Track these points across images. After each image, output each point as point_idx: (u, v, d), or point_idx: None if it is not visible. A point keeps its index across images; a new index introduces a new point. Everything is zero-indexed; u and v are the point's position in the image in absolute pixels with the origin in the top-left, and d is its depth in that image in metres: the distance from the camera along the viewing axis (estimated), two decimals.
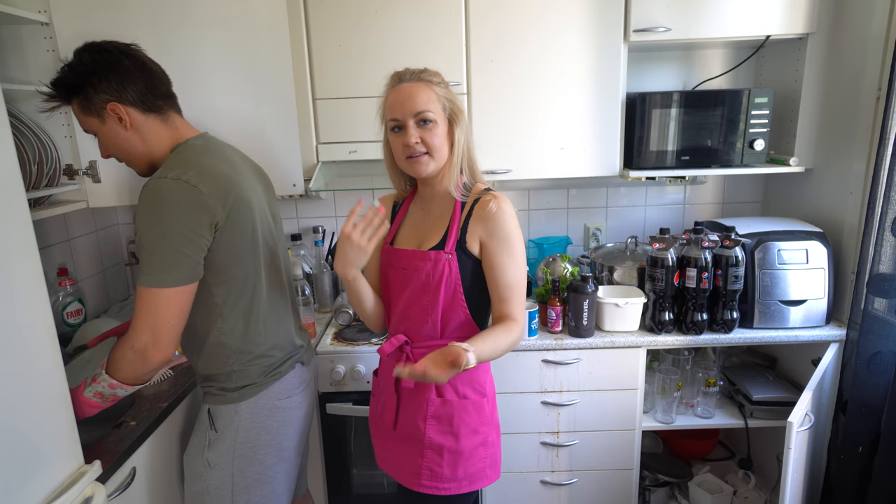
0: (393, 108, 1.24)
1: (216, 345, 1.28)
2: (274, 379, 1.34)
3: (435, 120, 1.23)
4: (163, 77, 1.27)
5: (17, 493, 0.93)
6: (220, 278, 1.23)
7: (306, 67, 1.87)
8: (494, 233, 1.25)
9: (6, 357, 0.92)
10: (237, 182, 1.25)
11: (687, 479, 2.03)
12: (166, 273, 1.13)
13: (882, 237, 1.62)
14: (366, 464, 1.99)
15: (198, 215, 1.15)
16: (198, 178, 1.16)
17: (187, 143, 1.26)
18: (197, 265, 1.17)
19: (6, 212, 0.94)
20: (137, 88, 1.20)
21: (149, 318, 1.14)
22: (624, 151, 1.97)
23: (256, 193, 1.32)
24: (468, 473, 1.31)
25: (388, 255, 1.36)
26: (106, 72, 1.18)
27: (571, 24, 1.85)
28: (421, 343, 1.32)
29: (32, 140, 1.48)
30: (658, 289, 1.82)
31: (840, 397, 1.82)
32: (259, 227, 1.29)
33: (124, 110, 1.20)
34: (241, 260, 1.25)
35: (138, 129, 1.22)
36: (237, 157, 1.36)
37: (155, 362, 1.17)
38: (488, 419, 1.35)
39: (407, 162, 1.26)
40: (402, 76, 1.26)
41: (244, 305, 1.28)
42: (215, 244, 1.19)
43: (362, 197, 1.29)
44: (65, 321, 1.81)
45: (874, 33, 1.68)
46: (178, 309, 1.16)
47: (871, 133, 1.70)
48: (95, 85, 1.18)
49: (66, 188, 1.62)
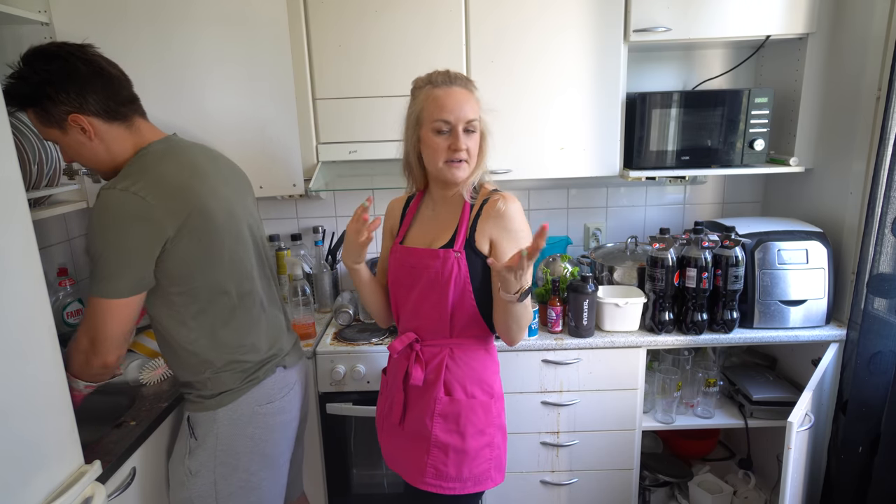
0: (446, 109, 1.23)
1: (187, 354, 1.27)
2: (251, 385, 1.30)
3: (478, 130, 1.27)
4: (123, 80, 1.21)
5: (18, 493, 0.93)
6: (179, 288, 1.21)
7: (306, 67, 1.87)
8: (504, 231, 1.27)
9: (6, 357, 0.92)
10: (196, 190, 1.21)
11: (687, 479, 2.03)
12: (109, 283, 1.13)
13: (882, 237, 1.62)
14: (366, 464, 1.99)
15: (143, 228, 1.12)
16: (147, 190, 1.12)
17: (147, 149, 1.21)
18: (141, 278, 1.16)
19: (6, 212, 0.94)
20: (98, 97, 1.14)
21: (89, 325, 1.15)
22: (624, 151, 1.97)
23: (222, 199, 1.27)
24: (473, 474, 1.31)
25: (398, 253, 1.36)
26: (63, 82, 1.11)
27: (571, 23, 1.85)
28: (430, 341, 1.33)
29: (32, 140, 1.48)
30: (658, 289, 1.82)
31: (840, 397, 1.82)
32: (223, 235, 1.25)
33: (87, 121, 1.15)
34: (198, 270, 1.22)
35: (102, 138, 1.18)
36: (204, 159, 1.30)
37: (97, 366, 1.18)
38: (495, 421, 1.35)
39: (446, 165, 1.26)
40: (453, 79, 1.27)
41: (209, 314, 1.25)
42: (168, 255, 1.17)
43: (370, 195, 1.30)
44: (65, 321, 1.81)
45: (874, 33, 1.68)
46: (118, 319, 1.15)
47: (871, 133, 1.70)
48: (53, 97, 1.11)
49: (66, 188, 1.61)
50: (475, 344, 1.34)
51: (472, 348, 1.34)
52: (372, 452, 1.98)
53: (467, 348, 1.33)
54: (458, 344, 1.33)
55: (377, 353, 1.84)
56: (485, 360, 1.36)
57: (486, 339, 1.37)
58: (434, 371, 1.31)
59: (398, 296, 1.37)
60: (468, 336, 1.33)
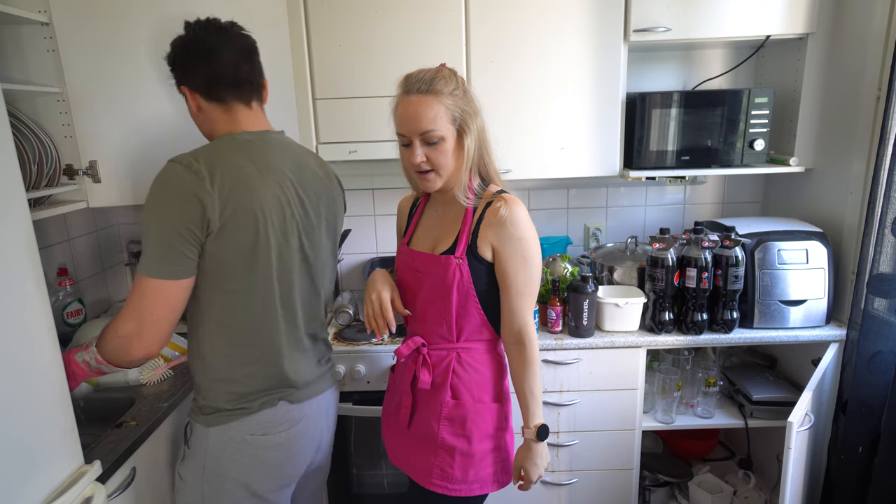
0: (401, 122, 1.22)
1: (198, 353, 1.23)
2: (243, 413, 1.21)
3: (443, 136, 1.19)
4: (235, 67, 1.22)
5: (18, 493, 0.93)
6: (207, 285, 1.16)
7: (306, 67, 1.87)
8: (506, 238, 1.23)
9: (6, 357, 0.92)
10: (254, 190, 1.15)
11: (687, 479, 2.02)
12: (154, 263, 1.09)
13: (882, 237, 1.62)
14: (366, 464, 1.99)
15: (192, 209, 1.08)
16: (207, 171, 1.09)
17: (234, 136, 1.21)
18: (185, 261, 1.10)
19: (6, 212, 0.94)
20: (201, 77, 1.22)
21: (136, 306, 1.10)
22: (624, 151, 1.97)
23: (271, 209, 1.17)
24: (479, 477, 1.31)
25: (404, 255, 1.36)
26: (182, 56, 1.24)
27: (571, 24, 1.85)
28: (437, 345, 1.32)
29: (32, 140, 1.48)
30: (658, 289, 1.82)
31: (840, 397, 1.82)
32: (264, 246, 1.17)
33: (190, 94, 1.24)
34: (229, 276, 1.15)
35: (204, 112, 1.25)
36: (289, 164, 1.24)
37: (137, 352, 1.12)
38: (503, 424, 1.34)
39: (415, 175, 1.26)
40: (410, 86, 1.19)
41: (226, 323, 1.19)
42: (206, 248, 1.12)
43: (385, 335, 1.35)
44: (65, 321, 1.81)
45: (874, 33, 1.68)
46: (164, 302, 1.10)
47: (871, 133, 1.70)
48: (175, 67, 1.26)
49: (66, 188, 1.62)
50: (483, 348, 1.33)
51: (479, 353, 1.33)
52: (372, 452, 1.98)
53: (475, 353, 1.32)
54: (466, 348, 1.31)
55: (377, 353, 1.84)
56: (492, 365, 1.34)
57: (494, 343, 1.35)
58: (441, 375, 1.30)
59: (405, 297, 1.36)
60: (475, 340, 1.32)
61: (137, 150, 1.67)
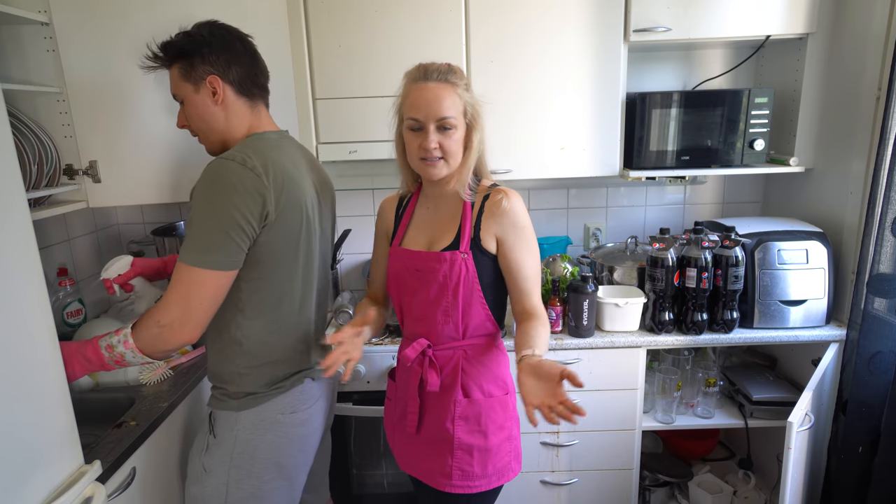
0: (415, 106, 1.21)
1: (231, 341, 1.26)
2: (277, 392, 1.29)
3: (456, 126, 1.21)
4: (265, 71, 1.33)
5: (17, 494, 0.93)
6: (254, 275, 1.21)
7: (306, 67, 1.87)
8: (510, 228, 1.25)
9: (6, 357, 0.92)
10: (299, 185, 1.25)
11: (687, 479, 2.03)
12: (209, 254, 1.12)
13: (882, 237, 1.63)
14: (366, 464, 1.99)
15: (253, 204, 1.14)
16: (262, 168, 1.16)
17: (263, 135, 1.28)
18: (239, 252, 1.16)
19: (6, 212, 0.94)
20: (240, 71, 1.25)
21: (182, 295, 1.13)
22: (624, 151, 1.97)
23: (310, 202, 1.29)
24: (497, 469, 1.31)
25: (398, 256, 1.34)
26: (219, 48, 1.23)
27: (571, 24, 1.85)
28: (442, 345, 1.32)
29: (32, 140, 1.49)
30: (658, 289, 1.82)
31: (840, 397, 1.82)
32: (305, 235, 1.27)
33: (222, 85, 1.24)
34: (279, 263, 1.23)
35: (227, 106, 1.26)
36: (305, 161, 1.34)
37: (176, 341, 1.15)
38: (512, 414, 1.36)
39: (420, 163, 1.25)
40: (429, 73, 1.22)
41: (268, 309, 1.25)
42: (260, 239, 1.18)
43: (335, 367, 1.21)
44: (65, 321, 1.81)
45: (874, 33, 1.68)
46: (212, 292, 1.15)
47: (871, 133, 1.71)
48: (205, 56, 1.23)
49: (66, 188, 1.62)
50: (487, 342, 1.34)
51: (484, 347, 1.33)
52: (372, 452, 1.99)
53: (480, 348, 1.33)
54: (471, 345, 1.32)
55: (377, 353, 1.84)
56: (497, 357, 1.35)
57: (496, 336, 1.36)
58: (450, 375, 1.30)
59: (402, 299, 1.35)
60: (480, 335, 1.32)
61: (137, 150, 1.67)
